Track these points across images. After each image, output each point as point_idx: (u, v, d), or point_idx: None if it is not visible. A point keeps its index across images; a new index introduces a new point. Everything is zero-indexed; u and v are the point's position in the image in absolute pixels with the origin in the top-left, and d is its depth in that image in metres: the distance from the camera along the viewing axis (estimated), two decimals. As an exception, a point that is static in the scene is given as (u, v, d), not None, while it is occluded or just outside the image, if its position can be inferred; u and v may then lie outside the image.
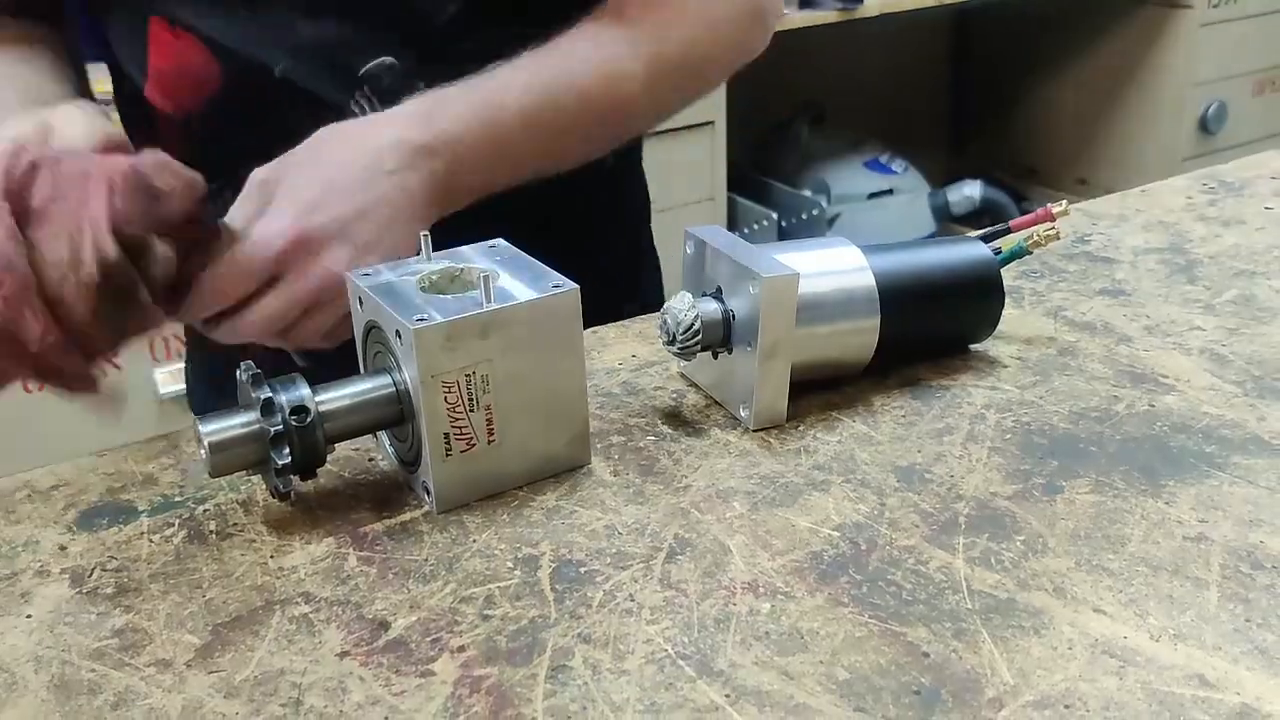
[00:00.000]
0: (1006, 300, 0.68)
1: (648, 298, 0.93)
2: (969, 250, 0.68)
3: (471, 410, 0.56)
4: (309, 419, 0.54)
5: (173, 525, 0.57)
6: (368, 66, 0.75)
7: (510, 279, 0.58)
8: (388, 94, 0.73)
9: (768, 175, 2.66)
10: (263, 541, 0.55)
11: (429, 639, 0.48)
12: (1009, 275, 0.72)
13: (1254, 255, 0.82)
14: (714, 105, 2.19)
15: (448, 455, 0.56)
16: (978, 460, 0.59)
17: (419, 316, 0.53)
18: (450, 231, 0.65)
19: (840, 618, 0.48)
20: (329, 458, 0.57)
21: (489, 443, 0.57)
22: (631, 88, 0.75)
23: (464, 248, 0.62)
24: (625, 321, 0.77)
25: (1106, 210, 0.92)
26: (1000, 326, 0.69)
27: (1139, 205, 0.93)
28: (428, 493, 0.57)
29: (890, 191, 2.66)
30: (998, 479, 0.57)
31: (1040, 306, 0.76)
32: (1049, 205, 0.68)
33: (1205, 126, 2.67)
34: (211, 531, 0.56)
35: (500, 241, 0.63)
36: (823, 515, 0.55)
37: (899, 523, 0.54)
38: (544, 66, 0.72)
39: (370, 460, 0.62)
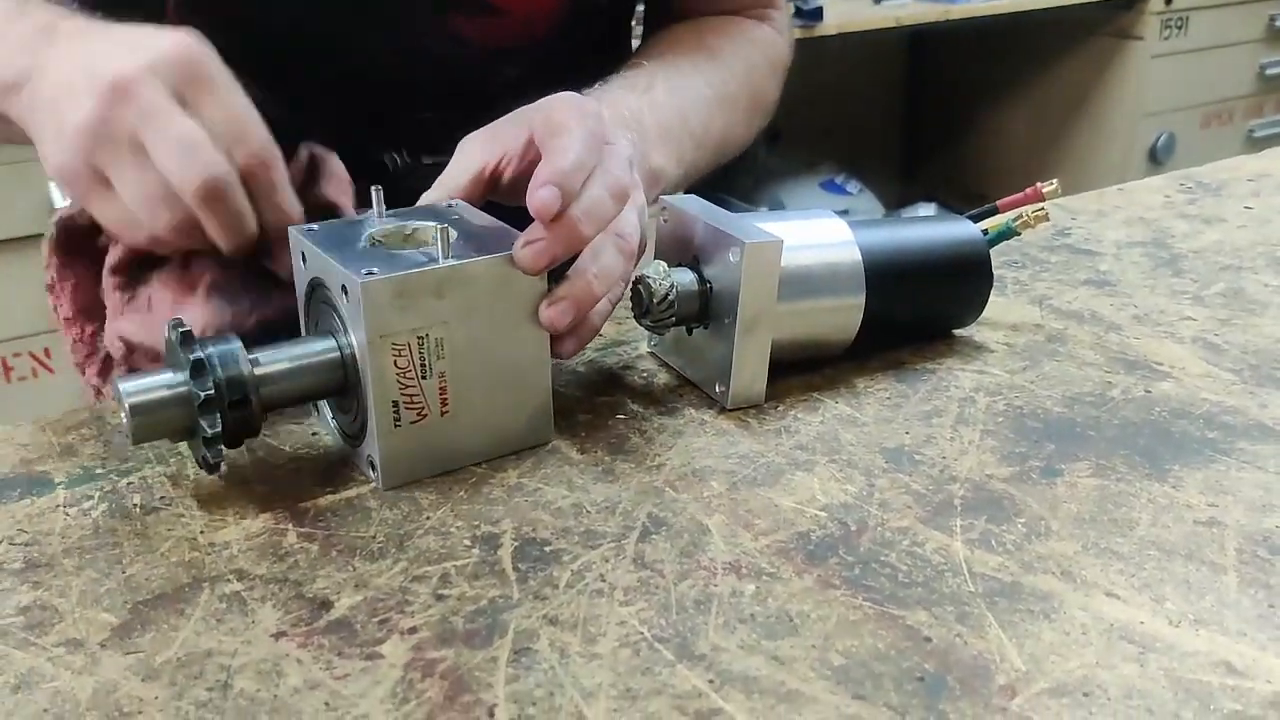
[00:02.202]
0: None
1: None
2: (957, 229, 0.64)
3: (424, 377, 0.51)
4: (243, 383, 0.49)
5: (92, 498, 0.51)
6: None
7: (469, 237, 0.53)
8: (424, 146, 0.73)
9: (724, 194, 2.64)
10: (192, 516, 0.50)
11: (376, 620, 0.43)
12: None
13: (1238, 251, 0.79)
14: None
15: (396, 425, 0.51)
16: (970, 442, 0.55)
17: (367, 270, 0.49)
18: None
19: (832, 600, 0.44)
20: (268, 429, 0.51)
21: (442, 414, 0.52)
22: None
23: (417, 206, 0.58)
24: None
25: (1084, 206, 0.90)
26: (984, 313, 0.66)
27: (1117, 202, 0.90)
28: (373, 467, 0.52)
29: (846, 213, 2.61)
30: (992, 461, 0.53)
31: (1025, 295, 0.72)
32: (1038, 184, 0.65)
33: (1155, 157, 2.68)
34: (135, 505, 0.51)
35: (459, 201, 0.58)
36: (808, 495, 0.51)
37: (890, 504, 0.50)
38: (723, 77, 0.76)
39: (314, 434, 0.57)
